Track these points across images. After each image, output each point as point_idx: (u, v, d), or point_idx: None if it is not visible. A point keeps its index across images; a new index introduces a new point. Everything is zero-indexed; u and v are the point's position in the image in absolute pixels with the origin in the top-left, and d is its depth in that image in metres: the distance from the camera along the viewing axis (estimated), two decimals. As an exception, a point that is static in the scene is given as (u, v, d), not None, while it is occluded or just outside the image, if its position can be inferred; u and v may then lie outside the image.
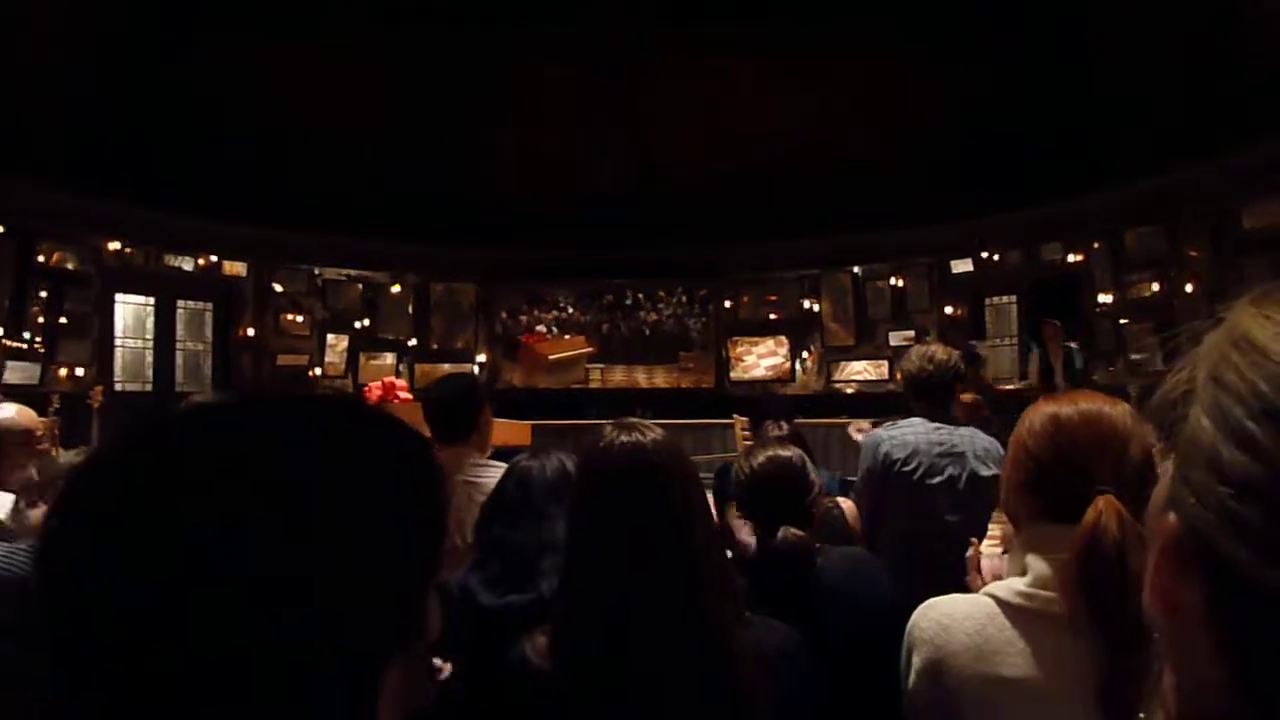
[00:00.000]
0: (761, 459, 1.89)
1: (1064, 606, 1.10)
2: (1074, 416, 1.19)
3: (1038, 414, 1.23)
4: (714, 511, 1.46)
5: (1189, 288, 8.13)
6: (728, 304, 11.48)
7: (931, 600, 1.27)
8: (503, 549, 1.70)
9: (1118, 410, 1.19)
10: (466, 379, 3.00)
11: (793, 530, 1.78)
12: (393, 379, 8.25)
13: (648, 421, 1.35)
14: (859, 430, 4.55)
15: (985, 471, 2.76)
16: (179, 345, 10.15)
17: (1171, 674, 0.50)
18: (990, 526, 2.82)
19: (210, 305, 10.39)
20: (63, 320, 8.85)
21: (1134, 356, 8.66)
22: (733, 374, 11.41)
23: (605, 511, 1.25)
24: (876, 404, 8.54)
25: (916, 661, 1.23)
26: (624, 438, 1.29)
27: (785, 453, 1.90)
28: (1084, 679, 1.04)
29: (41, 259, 8.76)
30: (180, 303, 10.18)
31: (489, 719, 1.36)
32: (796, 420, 4.20)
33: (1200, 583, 0.45)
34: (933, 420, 2.89)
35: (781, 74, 10.92)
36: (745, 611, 1.32)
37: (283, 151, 10.15)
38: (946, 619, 1.23)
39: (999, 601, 1.21)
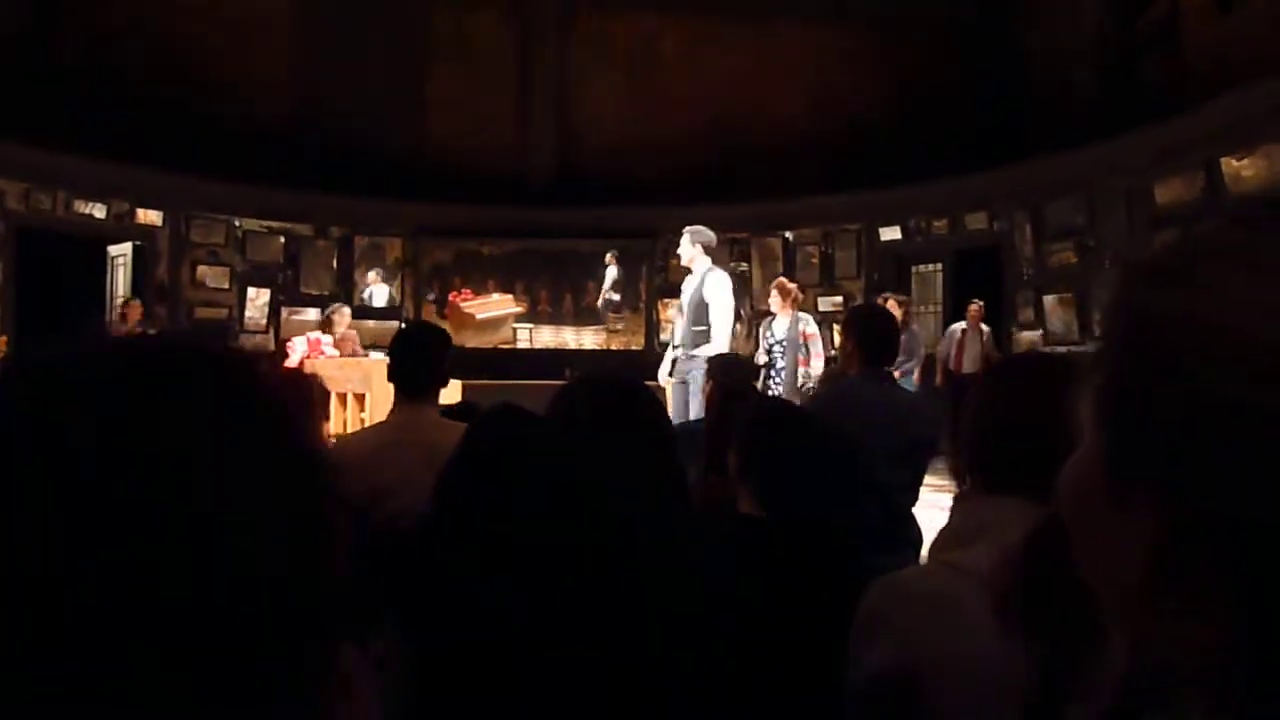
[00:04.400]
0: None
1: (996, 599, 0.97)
2: (1041, 367, 1.17)
3: (999, 372, 1.22)
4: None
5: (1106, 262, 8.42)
6: (658, 265, 11.47)
7: (890, 575, 1.25)
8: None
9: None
10: (436, 331, 2.91)
11: None
12: (317, 336, 8.09)
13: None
14: None
15: None
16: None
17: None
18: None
19: (125, 255, 9.99)
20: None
21: (1052, 325, 8.95)
22: (662, 335, 11.43)
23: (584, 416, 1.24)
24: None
25: (884, 641, 1.18)
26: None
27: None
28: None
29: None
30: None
31: None
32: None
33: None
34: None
35: (710, 36, 10.87)
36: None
37: (202, 96, 9.75)
38: (910, 594, 1.20)
39: (963, 573, 1.15)
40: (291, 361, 7.31)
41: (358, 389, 6.44)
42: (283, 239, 10.84)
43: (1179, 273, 0.50)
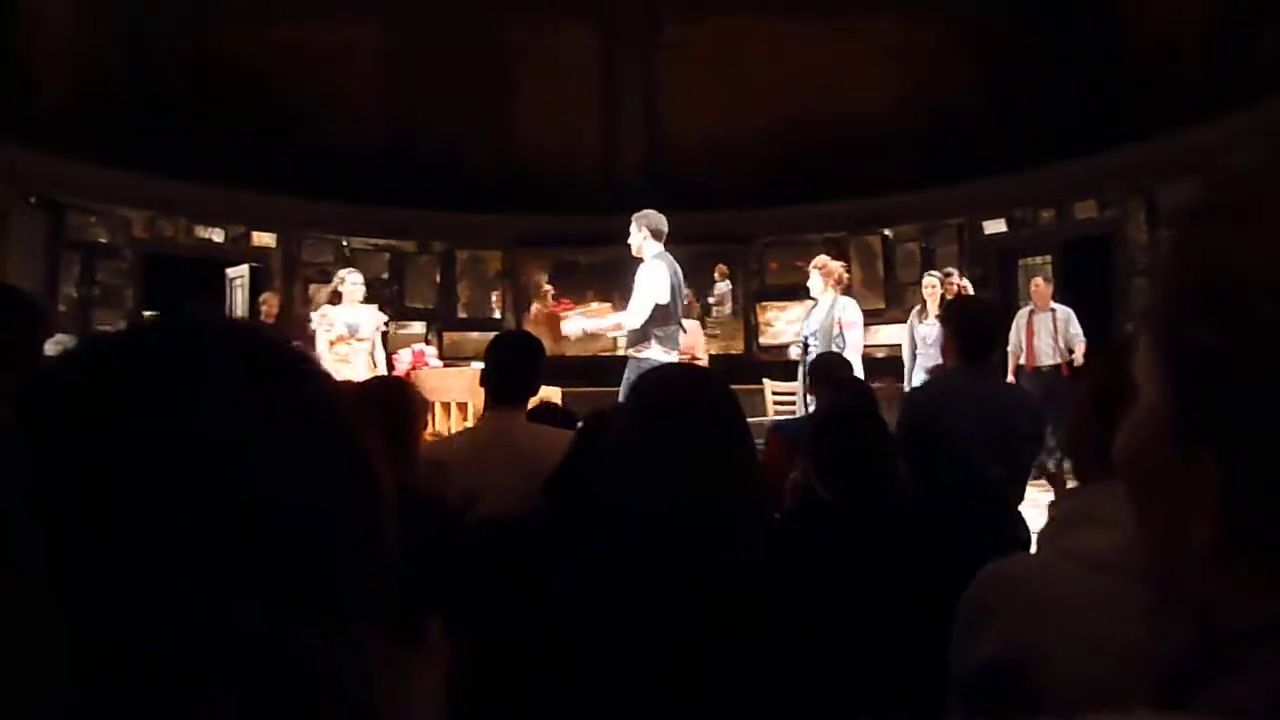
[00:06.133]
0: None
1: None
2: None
3: (1112, 355, 1.17)
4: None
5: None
6: (755, 269, 11.40)
7: (995, 564, 1.18)
8: None
9: None
10: (529, 339, 2.94)
11: None
12: (421, 347, 8.35)
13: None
14: None
15: None
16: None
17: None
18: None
19: (243, 276, 10.47)
20: (95, 292, 8.96)
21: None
22: (761, 339, 11.35)
23: (661, 423, 1.25)
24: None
25: (993, 629, 1.13)
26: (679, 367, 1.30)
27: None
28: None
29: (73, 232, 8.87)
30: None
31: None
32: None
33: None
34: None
35: (793, 35, 10.75)
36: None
37: (305, 122, 10.16)
38: (1018, 581, 1.14)
39: (1073, 559, 1.11)
40: (398, 372, 7.55)
41: (460, 398, 6.62)
42: (388, 256, 11.18)
43: (1244, 209, 0.47)
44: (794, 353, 6.64)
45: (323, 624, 0.47)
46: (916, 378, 6.71)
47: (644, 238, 6.07)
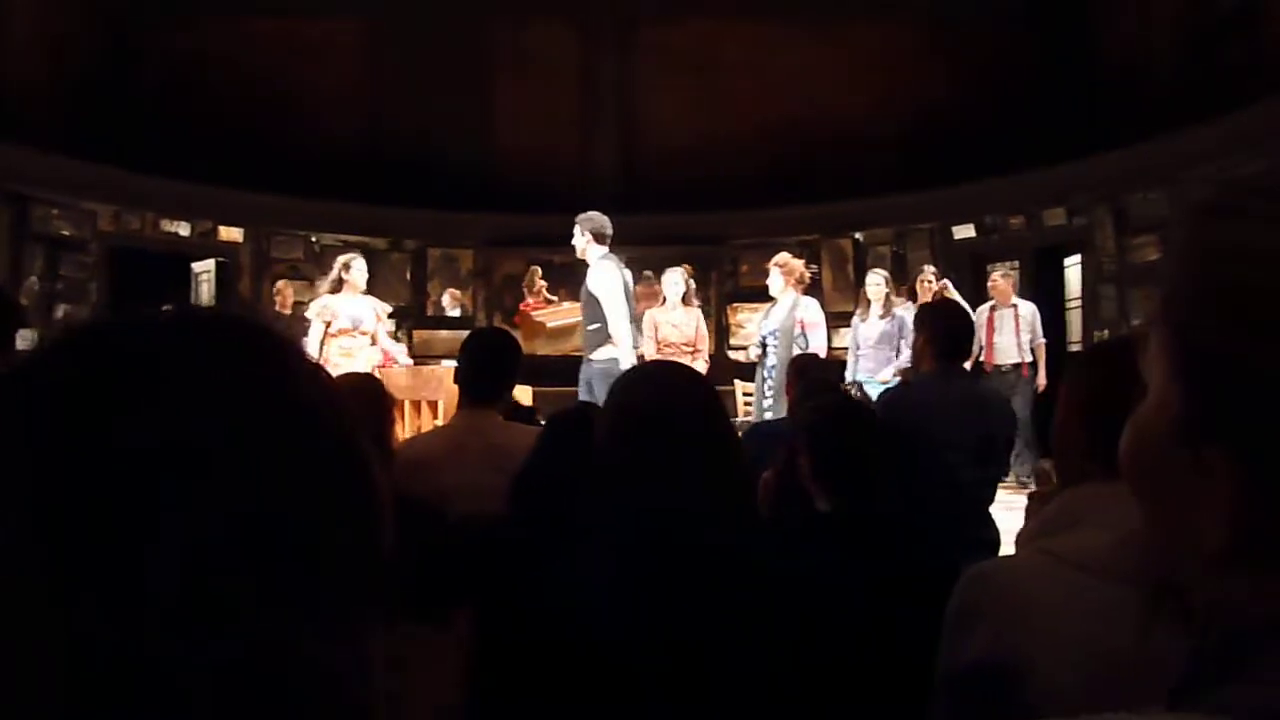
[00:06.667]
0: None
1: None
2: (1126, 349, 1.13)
3: (1084, 360, 1.18)
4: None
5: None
6: (728, 270, 11.43)
7: (980, 566, 1.19)
8: None
9: None
10: (503, 337, 2.90)
11: None
12: (390, 346, 8.24)
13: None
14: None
15: None
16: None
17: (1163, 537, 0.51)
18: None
19: (209, 271, 10.34)
20: (59, 286, 8.81)
21: (1136, 321, 8.64)
22: (733, 340, 11.37)
23: (652, 422, 1.24)
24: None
25: (980, 631, 1.13)
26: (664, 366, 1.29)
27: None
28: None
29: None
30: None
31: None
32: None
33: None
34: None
35: (771, 39, 10.79)
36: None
37: (279, 116, 10.05)
38: (1004, 583, 1.14)
39: (1058, 560, 1.11)
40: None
41: (431, 396, 6.54)
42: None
43: (1259, 208, 0.47)
44: (752, 353, 6.46)
45: (320, 625, 0.46)
46: (871, 378, 6.61)
47: (587, 241, 5.92)
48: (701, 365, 6.54)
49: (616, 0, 10.94)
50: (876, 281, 7.13)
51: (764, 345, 6.22)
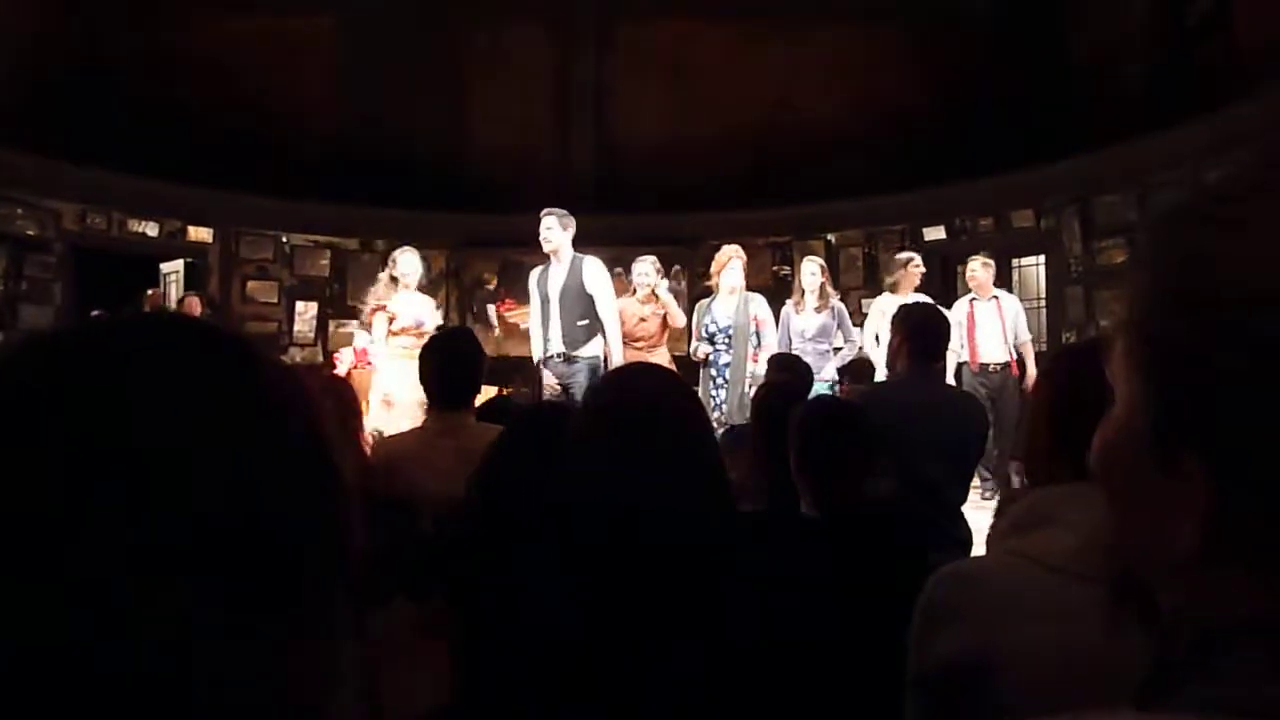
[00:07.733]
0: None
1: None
2: (1091, 351, 1.15)
3: (1057, 361, 1.20)
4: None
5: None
6: (700, 271, 11.43)
7: (951, 566, 1.20)
8: None
9: None
10: (466, 340, 2.83)
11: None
12: (364, 347, 8.18)
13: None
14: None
15: None
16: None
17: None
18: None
19: (178, 271, 10.23)
20: (23, 287, 8.66)
21: (1103, 323, 8.74)
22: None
23: (628, 421, 1.24)
24: (849, 369, 8.56)
25: (953, 630, 1.14)
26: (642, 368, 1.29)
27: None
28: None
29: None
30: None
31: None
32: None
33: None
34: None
35: (746, 40, 10.83)
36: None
37: (249, 115, 9.94)
38: (975, 582, 1.15)
39: (1028, 560, 1.12)
40: (339, 371, 7.41)
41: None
42: (329, 253, 10.99)
43: (1228, 212, 0.47)
44: (702, 350, 6.22)
45: (287, 625, 0.46)
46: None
47: (568, 236, 5.93)
48: (663, 355, 6.45)
49: (591, 1, 10.93)
50: (812, 270, 6.75)
51: (712, 340, 6.10)
